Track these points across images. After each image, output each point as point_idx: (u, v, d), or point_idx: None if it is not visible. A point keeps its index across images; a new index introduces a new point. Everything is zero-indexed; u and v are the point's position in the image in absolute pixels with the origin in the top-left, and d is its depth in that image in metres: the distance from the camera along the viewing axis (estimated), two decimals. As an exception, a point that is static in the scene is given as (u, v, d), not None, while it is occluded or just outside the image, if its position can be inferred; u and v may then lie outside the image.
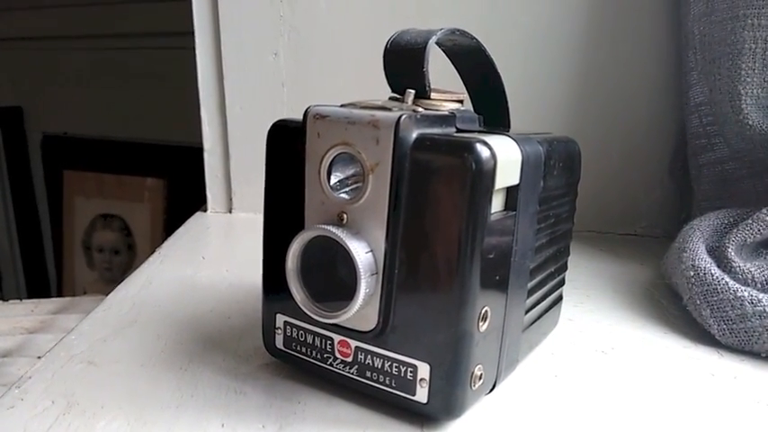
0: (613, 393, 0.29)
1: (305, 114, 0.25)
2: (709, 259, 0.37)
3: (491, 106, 0.32)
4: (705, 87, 0.47)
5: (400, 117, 0.23)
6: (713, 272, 0.36)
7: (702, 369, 0.32)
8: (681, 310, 0.38)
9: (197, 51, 0.56)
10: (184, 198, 1.23)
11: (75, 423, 0.25)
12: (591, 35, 0.53)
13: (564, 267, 0.33)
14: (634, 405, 0.28)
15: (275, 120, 0.27)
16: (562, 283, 0.33)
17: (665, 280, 0.42)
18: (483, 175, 0.22)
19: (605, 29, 0.53)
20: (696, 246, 0.39)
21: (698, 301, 0.36)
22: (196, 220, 0.58)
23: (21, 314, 0.71)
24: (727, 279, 0.35)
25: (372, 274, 0.24)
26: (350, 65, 0.55)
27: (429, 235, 0.23)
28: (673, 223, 0.55)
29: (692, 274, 0.37)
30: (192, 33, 0.56)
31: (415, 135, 0.23)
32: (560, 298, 0.34)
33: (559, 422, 0.26)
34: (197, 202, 0.64)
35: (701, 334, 0.35)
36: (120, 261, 1.38)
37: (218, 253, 0.50)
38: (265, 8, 0.55)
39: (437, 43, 0.27)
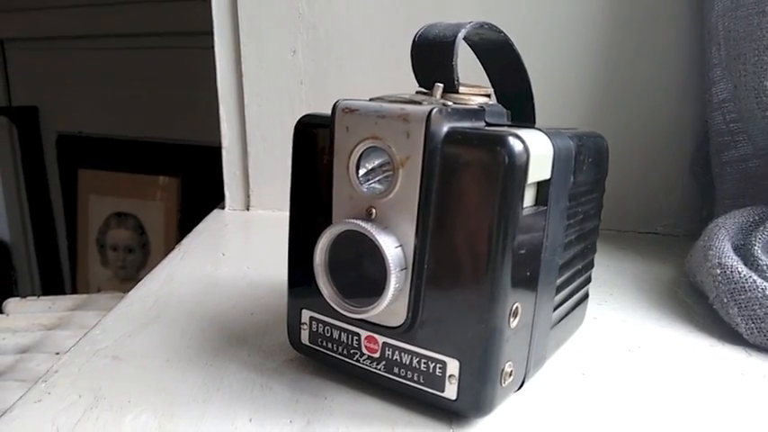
0: (641, 392, 0.29)
1: (333, 108, 0.25)
2: (735, 257, 0.37)
3: (516, 101, 0.32)
4: (729, 84, 0.46)
5: (431, 110, 0.23)
6: (740, 270, 0.35)
7: (731, 368, 0.31)
8: (706, 308, 0.37)
9: (216, 49, 0.56)
10: (198, 196, 1.23)
11: (104, 417, 0.25)
12: (613, 32, 0.53)
13: (591, 264, 0.32)
14: (662, 404, 0.28)
15: (293, 117, 0.27)
16: (589, 280, 0.33)
17: (690, 278, 0.42)
18: (516, 169, 0.22)
19: (627, 26, 0.52)
20: (722, 244, 0.38)
21: (725, 300, 0.35)
22: (214, 217, 0.59)
23: (38, 311, 0.72)
24: (755, 277, 0.34)
25: (402, 269, 0.24)
26: (369, 62, 0.55)
27: (460, 229, 0.23)
28: (694, 222, 0.55)
29: (718, 272, 0.36)
30: (210, 32, 0.57)
31: (445, 129, 0.23)
32: (587, 295, 0.33)
33: (588, 420, 0.26)
34: (211, 200, 0.64)
35: (727, 333, 0.35)
36: (134, 259, 1.39)
37: (237, 250, 0.50)
38: (284, 6, 0.55)
39: (463, 37, 0.27)
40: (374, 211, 0.24)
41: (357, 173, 0.25)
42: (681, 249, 0.47)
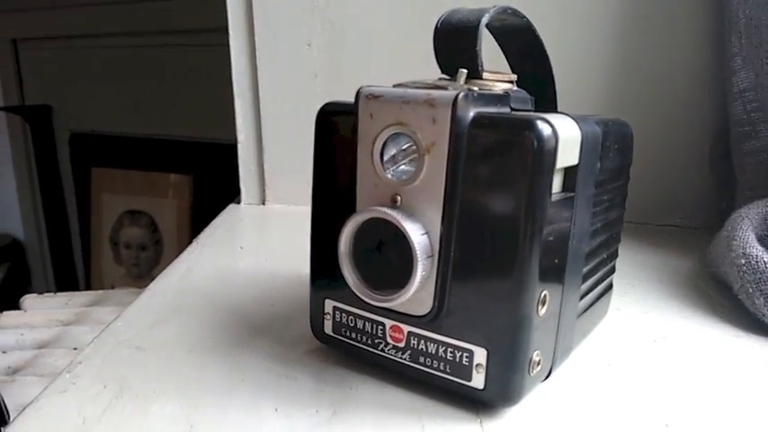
0: (668, 382, 0.28)
1: (357, 95, 0.25)
2: (760, 247, 0.36)
3: (537, 88, 0.31)
4: (750, 73, 0.45)
5: (458, 95, 0.22)
6: (765, 259, 0.35)
7: (757, 358, 0.31)
8: (730, 299, 0.37)
9: (231, 44, 0.56)
10: (211, 194, 1.24)
11: (129, 406, 0.25)
12: (633, 20, 0.52)
13: (615, 254, 0.32)
14: (689, 394, 0.27)
15: (309, 111, 0.27)
16: (613, 270, 0.33)
17: (713, 269, 0.41)
18: (545, 154, 0.22)
19: (644, 14, 0.52)
20: (746, 234, 0.38)
21: (750, 290, 0.35)
22: (230, 211, 0.59)
23: (55, 307, 0.72)
24: (782, 267, 0.34)
25: (428, 257, 0.23)
26: (384, 54, 0.55)
27: (487, 216, 0.23)
28: (713, 214, 0.54)
29: (743, 262, 0.36)
30: (223, 29, 0.56)
31: (472, 114, 0.23)
32: (611, 286, 0.33)
33: (615, 410, 0.26)
34: (223, 197, 0.64)
35: (753, 323, 0.34)
36: (147, 257, 1.39)
37: (255, 243, 0.50)
38: (298, -1, 0.54)
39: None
40: (399, 198, 0.24)
41: (382, 160, 0.24)
42: (700, 241, 0.47)
